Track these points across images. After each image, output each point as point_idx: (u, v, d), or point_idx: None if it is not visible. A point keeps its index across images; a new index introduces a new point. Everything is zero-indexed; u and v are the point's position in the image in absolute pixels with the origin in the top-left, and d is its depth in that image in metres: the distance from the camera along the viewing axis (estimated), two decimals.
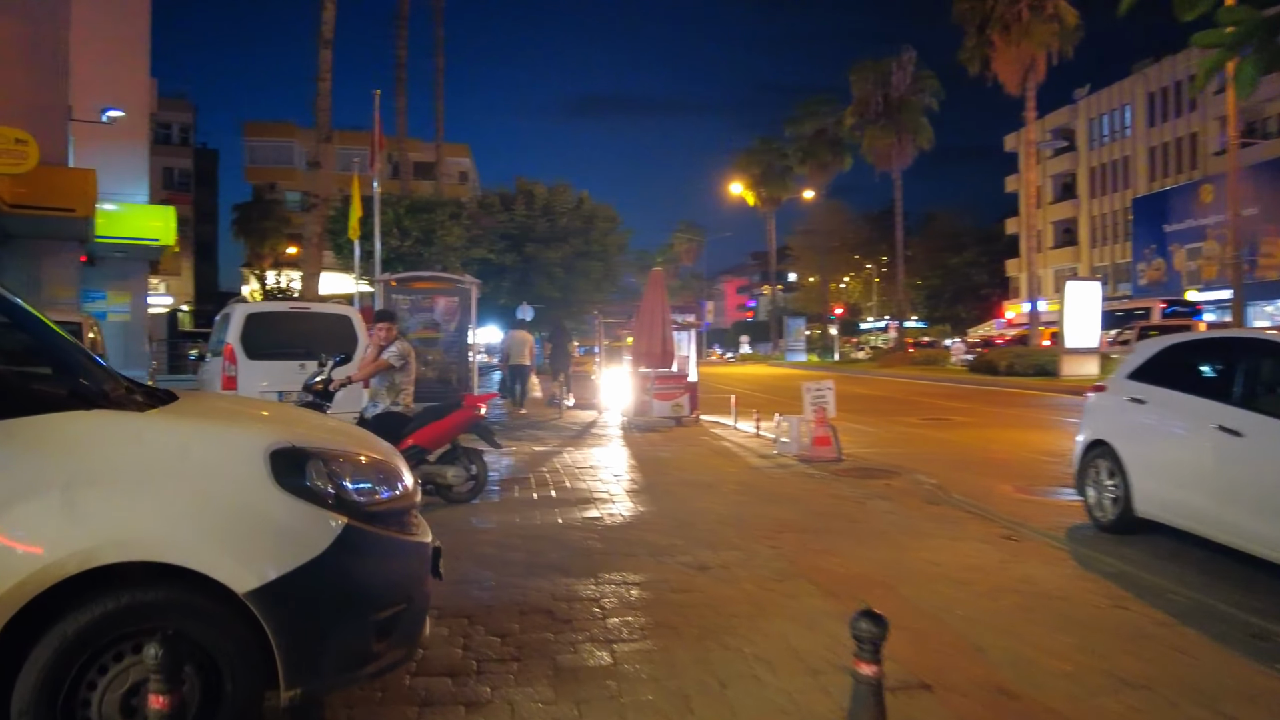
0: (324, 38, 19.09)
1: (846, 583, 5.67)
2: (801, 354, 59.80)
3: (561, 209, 33.41)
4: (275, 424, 3.64)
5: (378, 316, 8.13)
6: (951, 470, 10.61)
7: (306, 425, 3.76)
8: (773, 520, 7.59)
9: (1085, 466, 7.57)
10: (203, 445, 3.11)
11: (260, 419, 3.77)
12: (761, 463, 11.20)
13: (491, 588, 5.55)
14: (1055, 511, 8.28)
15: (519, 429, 15.64)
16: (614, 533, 7.12)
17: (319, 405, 7.86)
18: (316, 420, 4.16)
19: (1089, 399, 7.92)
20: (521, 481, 9.70)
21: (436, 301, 17.88)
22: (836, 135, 54.59)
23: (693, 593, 5.44)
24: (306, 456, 3.17)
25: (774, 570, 5.95)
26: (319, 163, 20.03)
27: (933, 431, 15.22)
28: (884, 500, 8.51)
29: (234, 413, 3.83)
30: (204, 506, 2.96)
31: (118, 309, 23.80)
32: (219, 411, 3.76)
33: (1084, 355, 27.81)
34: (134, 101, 23.42)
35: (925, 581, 5.72)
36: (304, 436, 3.33)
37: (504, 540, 6.84)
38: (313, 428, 3.69)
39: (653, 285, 15.62)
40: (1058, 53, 32.44)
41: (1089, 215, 59.51)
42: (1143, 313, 34.92)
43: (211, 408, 3.80)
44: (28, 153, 13.65)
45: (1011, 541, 6.90)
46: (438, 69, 34.56)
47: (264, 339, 11.74)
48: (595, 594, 5.41)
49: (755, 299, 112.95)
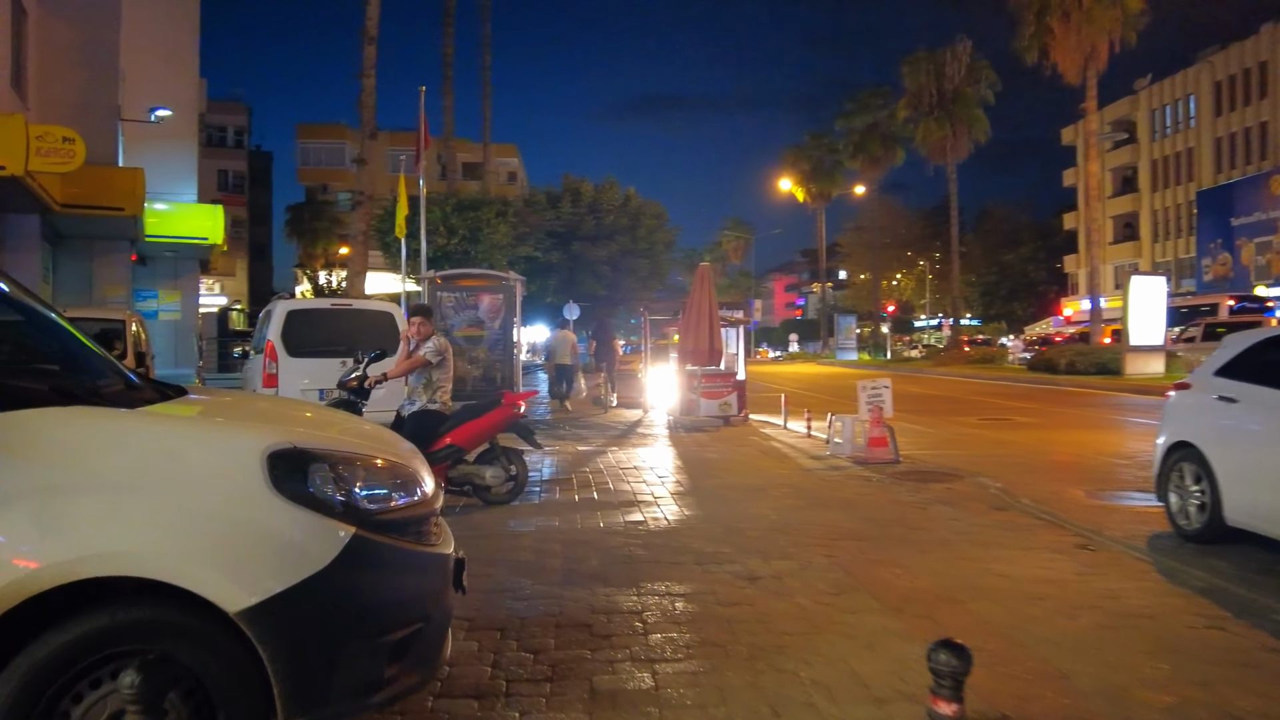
0: (368, 33, 18.96)
1: (910, 597, 5.23)
2: (852, 352, 58.81)
3: (608, 206, 33.12)
4: (278, 423, 3.31)
5: (412, 312, 7.83)
6: (1017, 473, 10.06)
7: (315, 425, 3.44)
8: (827, 527, 7.15)
9: (1167, 470, 7.01)
10: (192, 446, 2.79)
11: (263, 417, 3.44)
12: (814, 465, 10.73)
13: (527, 598, 5.21)
14: (1132, 519, 7.72)
15: (563, 428, 15.35)
16: (658, 539, 6.73)
17: (354, 403, 7.61)
18: (329, 419, 3.82)
19: (1170, 398, 7.34)
20: (563, 482, 9.37)
21: (481, 299, 17.66)
22: (889, 129, 53.61)
23: (742, 606, 5.04)
24: (310, 459, 2.83)
25: (830, 582, 5.53)
26: (364, 160, 19.89)
27: (993, 432, 14.60)
28: (946, 506, 8.01)
29: (235, 410, 3.51)
30: (191, 514, 2.63)
31: (169, 308, 24.03)
32: (220, 408, 3.44)
33: (1149, 353, 26.78)
34: (183, 102, 23.62)
35: (996, 596, 5.25)
36: (309, 437, 3.00)
37: (542, 546, 6.49)
38: (322, 427, 3.37)
39: (700, 281, 15.18)
40: (1120, 40, 31.25)
41: (1150, 209, 57.77)
42: (1209, 309, 33.56)
43: (214, 404, 3.48)
44: (75, 151, 13.66)
45: (1088, 551, 6.38)
46: (484, 66, 34.63)
47: (306, 336, 11.57)
48: (637, 606, 5.03)
49: (804, 297, 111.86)
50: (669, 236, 36.05)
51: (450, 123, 30.94)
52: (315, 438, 3.03)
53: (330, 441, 3.04)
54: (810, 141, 65.09)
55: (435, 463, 7.55)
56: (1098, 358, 28.41)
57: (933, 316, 75.11)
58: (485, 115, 35.48)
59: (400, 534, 3.03)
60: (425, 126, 19.19)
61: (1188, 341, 28.16)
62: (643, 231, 33.72)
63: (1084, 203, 35.14)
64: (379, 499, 3.00)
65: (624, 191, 34.30)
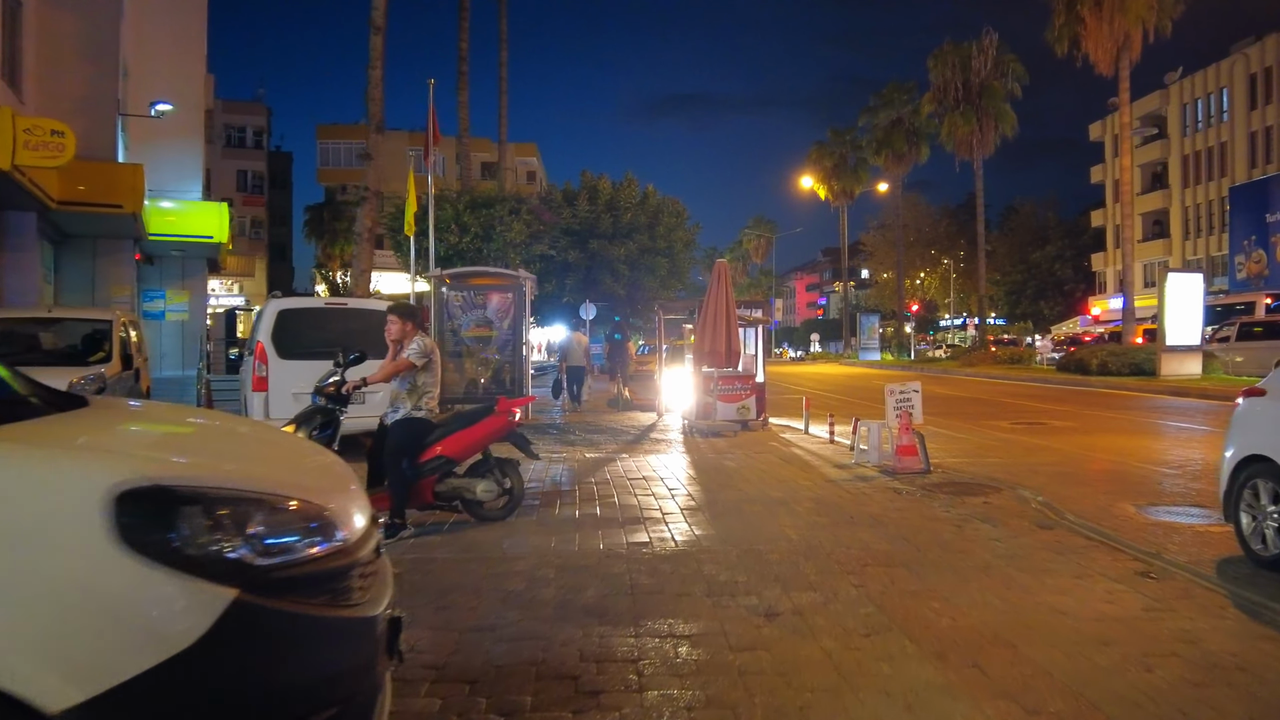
0: (375, 24, 18.34)
1: (954, 639, 4.49)
2: (875, 352, 57.79)
3: (626, 203, 32.31)
4: (151, 450, 2.62)
5: (390, 310, 7.14)
6: (1058, 484, 9.28)
7: (202, 451, 2.74)
8: (856, 548, 6.41)
9: (1237, 488, 6.22)
10: (12, 484, 2.10)
11: (123, 441, 2.73)
12: (839, 474, 9.98)
13: (511, 639, 4.52)
14: (1194, 540, 6.94)
15: (574, 432, 14.66)
16: (665, 564, 6.02)
17: (332, 411, 6.95)
18: (230, 440, 3.08)
19: (1240, 405, 6.54)
20: (566, 495, 8.66)
21: (490, 298, 17.04)
22: (913, 124, 52.57)
23: (758, 651, 4.32)
24: (177, 500, 2.14)
25: (861, 619, 4.80)
26: (371, 155, 19.28)
27: (1028, 437, 13.78)
28: (986, 523, 7.24)
29: (107, 431, 2.80)
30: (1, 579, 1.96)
31: (176, 308, 23.55)
32: (91, 427, 2.74)
33: (1185, 353, 25.78)
34: (190, 97, 23.11)
35: (1054, 638, 4.51)
36: (184, 470, 2.31)
37: (535, 572, 5.80)
38: (214, 455, 2.67)
39: (717, 279, 14.42)
40: (1154, 29, 30.25)
41: (1181, 206, 56.37)
42: (1244, 307, 32.46)
43: (88, 422, 2.79)
44: (65, 144, 13.07)
45: (1151, 580, 5.61)
46: (501, 63, 34.03)
47: (298, 337, 10.97)
48: (634, 651, 4.32)
49: (826, 296, 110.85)
50: (689, 235, 35.07)
51: (465, 119, 30.33)
52: (193, 470, 2.34)
53: (212, 474, 2.35)
54: (833, 138, 64.14)
55: (422, 475, 6.89)
56: (1131, 358, 27.43)
57: (957, 316, 73.84)
58: (501, 111, 34.94)
59: (308, 594, 2.33)
60: (434, 121, 18.58)
61: (1222, 341, 27.13)
62: (662, 229, 32.82)
63: (1120, 196, 33.94)
64: (278, 550, 2.30)
65: (642, 189, 33.49)
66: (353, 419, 8.69)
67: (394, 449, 6.80)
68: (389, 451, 6.80)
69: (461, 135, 30.52)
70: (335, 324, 11.37)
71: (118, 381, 11.02)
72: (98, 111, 17.52)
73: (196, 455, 2.59)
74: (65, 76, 17.20)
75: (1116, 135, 37.81)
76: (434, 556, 6.21)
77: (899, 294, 59.55)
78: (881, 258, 73.10)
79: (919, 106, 49.00)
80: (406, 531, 6.74)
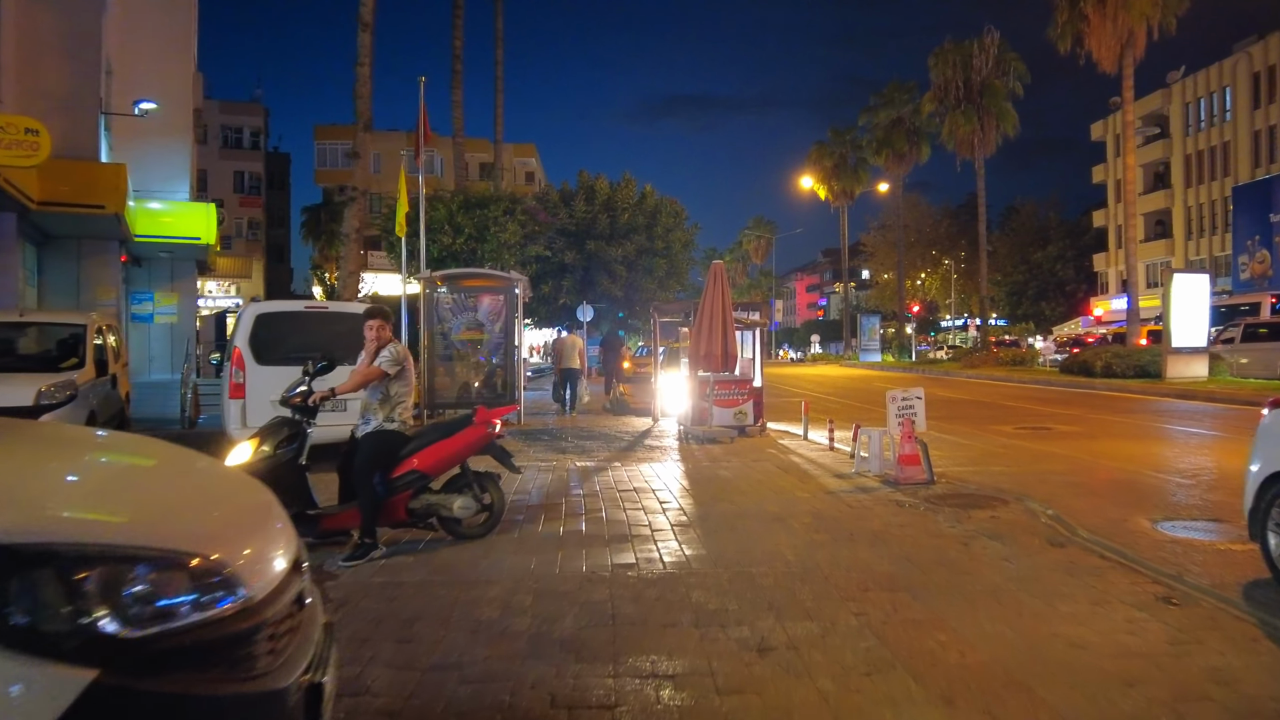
0: (363, 20, 17.93)
1: (961, 679, 4.09)
2: (876, 354, 57.38)
3: (624, 204, 31.91)
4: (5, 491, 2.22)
5: (367, 314, 6.72)
6: (1068, 495, 8.88)
7: (76, 494, 2.32)
8: (856, 570, 6.00)
9: (1265, 505, 5.82)
10: None
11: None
12: (839, 485, 9.57)
13: (476, 679, 4.11)
14: (1216, 559, 6.53)
15: (566, 438, 14.24)
16: (651, 588, 5.61)
17: (300, 423, 6.54)
18: (125, 478, 2.67)
19: (1266, 416, 6.13)
20: (551, 509, 8.25)
21: (481, 300, 16.67)
22: (914, 124, 52.20)
23: (747, 694, 3.92)
24: (21, 561, 1.75)
25: (861, 654, 4.39)
26: (358, 154, 18.88)
27: (1034, 443, 13.37)
28: (994, 540, 6.84)
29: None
30: None
31: (165, 310, 23.17)
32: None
33: (1191, 355, 25.34)
34: (177, 96, 22.71)
35: (1073, 677, 4.10)
36: (26, 523, 1.90)
37: (511, 598, 5.39)
38: (90, 498, 2.27)
39: (713, 281, 14.00)
40: (1158, 26, 29.82)
41: (1184, 205, 55.97)
42: (1249, 308, 32.04)
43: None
44: (40, 143, 12.72)
45: (1174, 606, 5.21)
46: (496, 61, 33.68)
47: (277, 342, 10.56)
48: (610, 695, 3.92)
49: (826, 297, 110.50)
50: (688, 235, 34.65)
51: (459, 118, 29.93)
52: (46, 521, 1.94)
53: (74, 526, 1.95)
54: (834, 138, 63.77)
55: (395, 491, 6.49)
56: (1136, 360, 27.02)
57: (958, 317, 73.42)
58: (497, 110, 34.61)
59: (196, 668, 1.93)
60: (425, 118, 18.16)
61: (1226, 343, 26.73)
62: (660, 230, 32.44)
63: (1118, 198, 33.61)
64: (157, 616, 1.91)
65: (641, 189, 33.08)
66: (330, 427, 8.31)
67: (365, 463, 6.39)
68: (359, 466, 6.39)
69: (456, 134, 30.12)
70: (316, 328, 10.97)
71: (91, 388, 10.62)
72: (79, 110, 17.14)
73: (63, 500, 2.18)
74: (45, 74, 16.82)
75: (1118, 134, 37.53)
76: (403, 580, 5.80)
77: (900, 295, 59.15)
78: (882, 258, 72.69)
79: (920, 106, 48.62)
80: (378, 551, 6.33)
